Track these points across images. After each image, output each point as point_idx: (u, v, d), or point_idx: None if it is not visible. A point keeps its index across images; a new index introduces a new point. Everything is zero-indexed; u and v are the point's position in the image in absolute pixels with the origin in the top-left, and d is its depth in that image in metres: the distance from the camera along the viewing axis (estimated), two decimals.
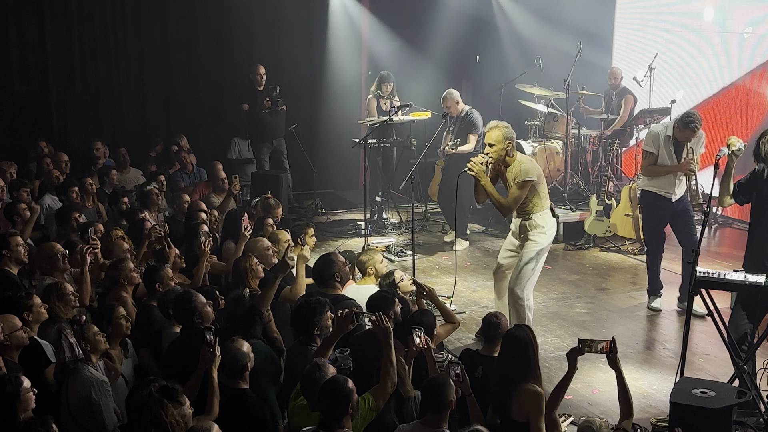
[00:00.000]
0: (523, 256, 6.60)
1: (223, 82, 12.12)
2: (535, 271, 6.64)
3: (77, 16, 11.16)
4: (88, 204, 8.39)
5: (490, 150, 6.47)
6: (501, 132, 6.46)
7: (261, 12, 12.06)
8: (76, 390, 4.61)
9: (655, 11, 12.13)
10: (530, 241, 6.59)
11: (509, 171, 6.52)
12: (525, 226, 6.62)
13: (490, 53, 12.41)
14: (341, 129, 12.47)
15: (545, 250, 6.70)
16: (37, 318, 5.20)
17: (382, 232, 10.44)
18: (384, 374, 4.63)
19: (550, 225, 6.65)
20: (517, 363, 4.74)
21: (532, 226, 6.58)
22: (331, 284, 6.05)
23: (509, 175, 6.52)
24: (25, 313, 5.10)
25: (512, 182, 6.48)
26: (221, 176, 9.15)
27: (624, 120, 11.13)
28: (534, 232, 6.57)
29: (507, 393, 4.71)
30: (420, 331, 5.01)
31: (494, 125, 6.55)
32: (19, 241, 6.22)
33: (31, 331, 5.12)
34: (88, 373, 4.67)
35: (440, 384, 4.44)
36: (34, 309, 5.17)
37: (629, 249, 9.65)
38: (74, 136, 11.26)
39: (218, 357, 4.56)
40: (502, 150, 6.47)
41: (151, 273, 6.03)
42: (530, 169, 6.49)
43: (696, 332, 6.87)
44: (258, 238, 6.97)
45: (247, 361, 4.67)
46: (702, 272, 5.36)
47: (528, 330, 4.91)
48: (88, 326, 4.89)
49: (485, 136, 6.63)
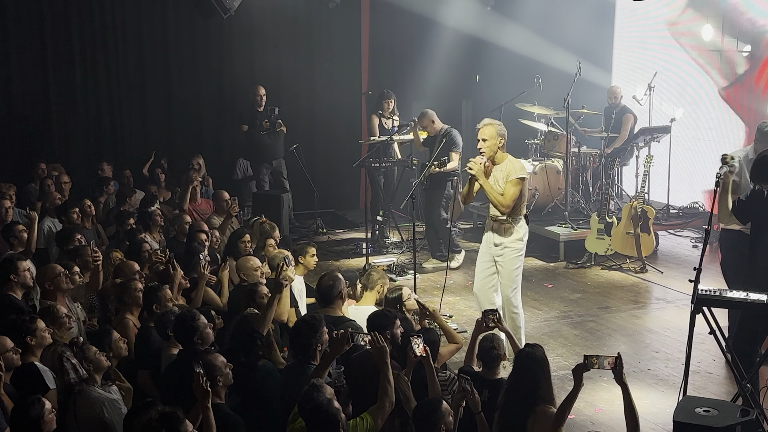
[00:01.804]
0: (507, 263, 6.71)
1: (224, 103, 12.17)
2: (520, 275, 6.82)
3: (78, 39, 11.21)
4: (88, 225, 8.40)
5: (484, 145, 6.62)
6: (494, 128, 6.63)
7: (261, 33, 12.13)
8: (86, 411, 4.57)
9: (653, 30, 12.18)
10: (508, 248, 6.70)
11: (498, 168, 6.67)
12: (502, 230, 6.71)
13: (490, 72, 12.45)
14: (342, 148, 12.52)
15: (523, 253, 6.81)
16: (40, 342, 5.15)
17: (383, 252, 10.42)
18: (382, 393, 4.60)
19: (524, 230, 6.78)
20: (533, 384, 4.72)
21: (509, 231, 6.69)
22: (335, 304, 6.04)
23: (498, 173, 6.65)
24: (28, 338, 5.06)
25: (504, 179, 6.59)
26: (225, 197, 9.19)
27: (624, 138, 11.16)
28: (511, 238, 6.69)
29: (523, 413, 4.67)
30: (419, 339, 4.95)
31: (488, 122, 6.73)
32: (26, 266, 6.20)
33: (34, 356, 5.08)
34: (96, 393, 4.64)
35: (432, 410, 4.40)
36: (38, 333, 5.12)
37: (630, 267, 9.63)
38: (76, 159, 11.28)
39: (209, 392, 4.42)
40: (494, 146, 6.61)
41: (149, 294, 6.01)
42: (522, 168, 6.68)
43: (699, 350, 6.82)
44: (247, 257, 7.00)
45: (217, 374, 4.61)
46: (704, 290, 5.34)
47: (541, 350, 4.91)
48: (87, 347, 4.87)
49: (479, 132, 6.75)
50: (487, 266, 6.86)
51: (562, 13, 12.07)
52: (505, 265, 6.73)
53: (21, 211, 8.42)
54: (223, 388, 4.69)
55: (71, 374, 4.62)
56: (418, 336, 4.98)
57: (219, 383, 4.63)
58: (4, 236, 7.37)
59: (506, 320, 6.60)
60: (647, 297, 8.88)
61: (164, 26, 11.71)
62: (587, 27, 12.08)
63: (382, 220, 10.67)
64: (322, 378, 4.67)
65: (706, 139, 11.49)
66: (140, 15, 11.54)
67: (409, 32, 12.91)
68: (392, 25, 12.97)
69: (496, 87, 12.06)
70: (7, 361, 4.78)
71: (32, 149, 10.87)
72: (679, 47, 11.76)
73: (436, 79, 12.41)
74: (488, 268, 6.85)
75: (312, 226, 11.69)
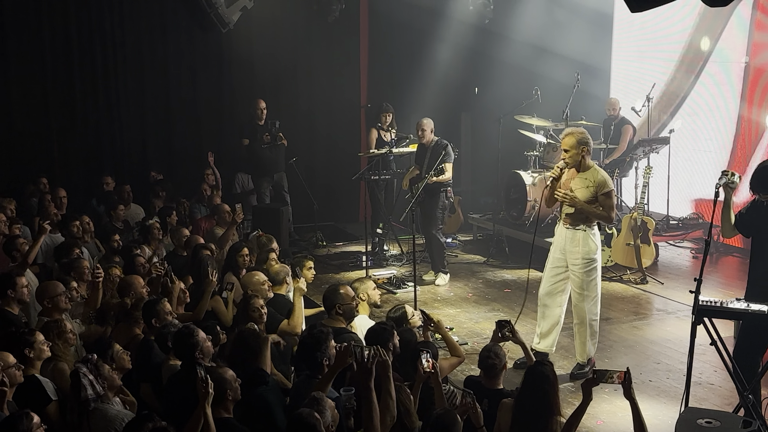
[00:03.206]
0: (584, 274, 6.83)
1: (223, 117, 12.18)
2: (599, 283, 6.95)
3: (78, 52, 11.22)
4: (88, 240, 8.40)
5: (566, 155, 6.75)
6: (575, 138, 6.74)
7: (260, 47, 12.15)
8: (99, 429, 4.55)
9: (651, 42, 12.22)
10: (585, 259, 6.81)
11: (582, 176, 6.79)
12: (578, 240, 6.81)
13: (489, 85, 12.48)
14: (341, 161, 12.54)
15: (599, 264, 6.94)
16: (38, 355, 5.14)
17: (383, 264, 10.42)
18: (383, 407, 4.57)
19: (598, 237, 6.94)
20: (545, 401, 4.72)
21: (586, 242, 6.80)
22: (332, 316, 6.05)
23: (581, 181, 6.76)
24: (26, 350, 5.05)
25: (585, 187, 6.72)
26: (226, 209, 9.19)
27: (623, 149, 11.18)
28: (589, 247, 6.80)
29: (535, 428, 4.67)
30: (428, 353, 4.93)
31: (569, 132, 6.84)
32: (24, 282, 6.21)
33: (33, 368, 5.07)
34: (114, 411, 4.63)
35: (450, 422, 4.38)
36: (36, 346, 5.11)
37: (631, 278, 9.62)
38: (75, 173, 11.29)
39: (211, 394, 4.48)
40: (577, 155, 6.73)
41: (148, 307, 6.00)
42: (609, 179, 6.84)
43: (700, 361, 6.82)
44: (253, 272, 6.96)
45: (227, 387, 4.61)
46: (705, 301, 5.33)
47: (551, 367, 4.92)
48: (101, 364, 4.85)
49: (562, 142, 6.86)
50: (559, 272, 6.98)
51: (560, 25, 12.11)
52: (581, 276, 6.84)
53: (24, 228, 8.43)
54: (231, 402, 4.67)
55: (88, 390, 4.59)
56: (427, 351, 4.96)
57: (229, 397, 4.62)
58: (6, 250, 7.37)
59: (585, 329, 6.88)
60: (648, 308, 8.86)
61: (164, 40, 11.73)
62: (585, 39, 12.12)
63: (382, 233, 10.67)
64: (324, 392, 4.65)
65: (705, 150, 11.51)
66: (140, 29, 11.56)
67: (408, 45, 12.96)
68: (391, 38, 13.02)
69: (494, 99, 12.09)
70: (10, 377, 4.77)
71: (32, 164, 10.87)
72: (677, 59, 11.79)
73: (435, 92, 12.43)
74: (559, 273, 6.98)
75: (312, 239, 11.68)
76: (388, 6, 12.48)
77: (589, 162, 6.83)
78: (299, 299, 6.44)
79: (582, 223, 6.80)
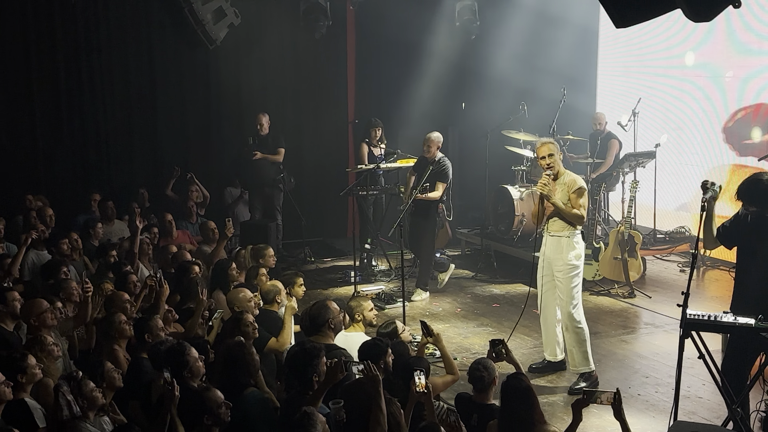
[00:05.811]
0: (566, 280, 6.96)
1: (210, 133, 12.17)
2: (580, 290, 7.09)
3: (64, 68, 11.20)
4: (76, 257, 8.35)
5: (550, 160, 6.94)
6: (554, 145, 7.01)
7: (247, 63, 12.18)
8: None
9: (636, 57, 12.31)
10: (568, 265, 6.95)
11: (559, 183, 6.98)
12: (562, 246, 6.96)
13: (476, 100, 12.53)
14: (329, 177, 12.54)
15: (582, 270, 7.09)
16: (30, 379, 5.09)
17: (371, 280, 10.41)
18: (374, 423, 4.57)
19: (582, 246, 7.07)
20: (525, 412, 4.73)
21: (569, 248, 6.95)
22: (323, 332, 6.03)
23: (558, 187, 6.94)
24: (18, 375, 4.99)
25: (568, 192, 6.91)
26: (211, 226, 9.15)
27: (609, 164, 11.22)
28: (570, 255, 6.94)
29: None
30: (422, 373, 4.92)
31: (545, 140, 7.11)
32: (15, 296, 6.16)
33: (24, 391, 5.02)
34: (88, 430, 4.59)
35: None
36: (29, 371, 5.06)
37: (619, 292, 9.65)
38: (62, 190, 11.22)
39: (177, 396, 4.46)
40: (558, 161, 6.99)
41: (140, 324, 5.97)
42: (579, 178, 7.05)
43: (688, 375, 6.83)
44: (240, 289, 6.92)
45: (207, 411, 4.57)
46: (693, 315, 5.35)
47: (526, 379, 4.96)
48: (84, 382, 4.81)
49: (537, 151, 7.05)
50: (548, 280, 7.14)
51: (546, 40, 12.17)
52: (564, 282, 6.97)
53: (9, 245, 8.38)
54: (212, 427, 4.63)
55: (65, 411, 4.56)
56: (421, 370, 4.96)
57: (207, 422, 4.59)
58: None
59: (570, 335, 6.99)
60: (636, 322, 8.89)
61: (150, 57, 11.73)
62: (571, 54, 12.19)
63: (370, 248, 10.67)
64: (316, 407, 4.63)
65: (691, 163, 11.59)
66: (126, 46, 11.56)
67: (395, 61, 13.00)
68: (378, 53, 13.07)
69: (481, 114, 12.14)
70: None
71: (17, 181, 10.82)
72: (663, 73, 11.89)
73: (422, 107, 12.46)
74: (548, 282, 7.14)
75: (300, 255, 11.67)
76: (375, 22, 12.53)
77: (561, 169, 7.04)
78: (289, 317, 6.44)
79: (564, 229, 6.96)
